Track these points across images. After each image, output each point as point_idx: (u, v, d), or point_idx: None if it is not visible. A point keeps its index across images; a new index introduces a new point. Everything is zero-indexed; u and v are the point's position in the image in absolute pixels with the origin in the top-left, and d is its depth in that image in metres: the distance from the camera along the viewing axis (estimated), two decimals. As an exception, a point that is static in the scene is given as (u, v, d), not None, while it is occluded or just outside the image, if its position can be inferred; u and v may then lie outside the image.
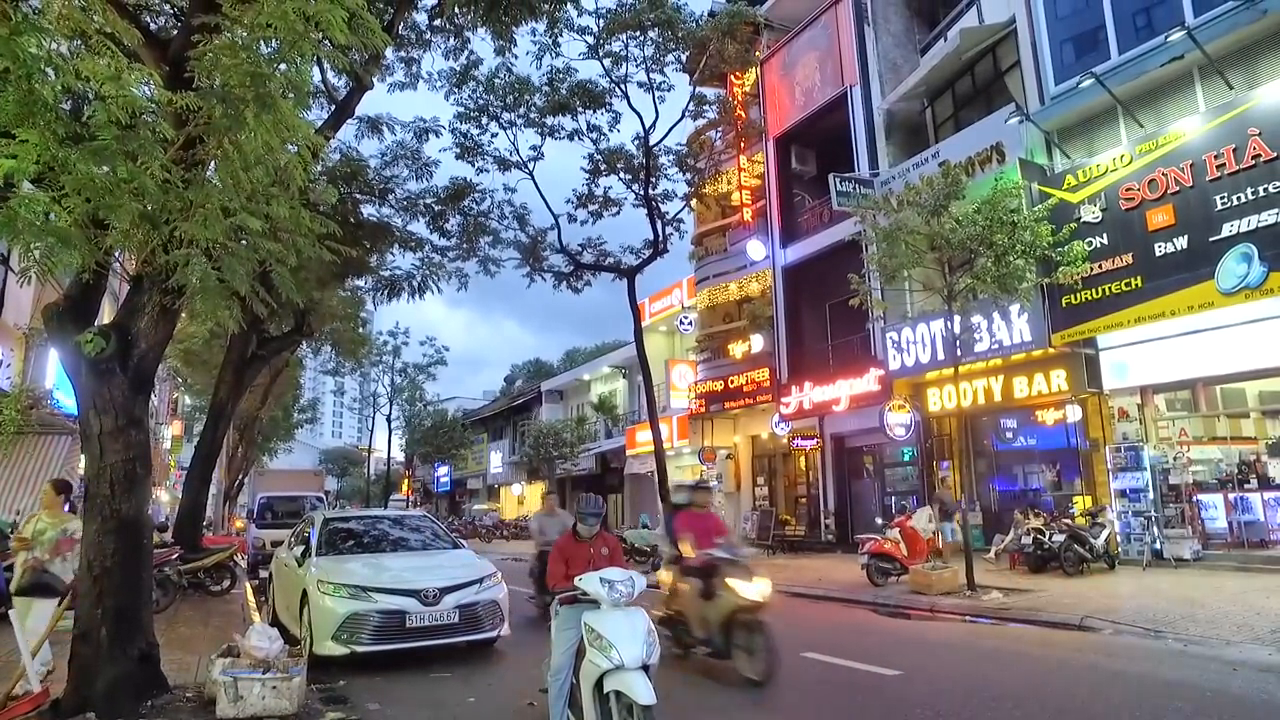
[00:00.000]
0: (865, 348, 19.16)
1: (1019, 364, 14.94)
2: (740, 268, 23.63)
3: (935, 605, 10.48)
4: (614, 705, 4.32)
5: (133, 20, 6.61)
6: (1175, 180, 12.34)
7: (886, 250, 12.36)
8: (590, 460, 33.04)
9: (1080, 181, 13.76)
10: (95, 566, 5.29)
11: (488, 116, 20.09)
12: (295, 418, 42.26)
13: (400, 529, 9.54)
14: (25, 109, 4.74)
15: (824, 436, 20.44)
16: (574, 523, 5.21)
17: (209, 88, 5.87)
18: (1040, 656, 7.47)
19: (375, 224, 17.05)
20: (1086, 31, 14.53)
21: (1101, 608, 9.20)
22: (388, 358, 42.18)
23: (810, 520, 21.36)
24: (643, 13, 18.50)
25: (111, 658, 5.24)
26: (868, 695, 6.27)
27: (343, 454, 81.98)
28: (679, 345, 29.04)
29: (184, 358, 23.85)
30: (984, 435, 17.14)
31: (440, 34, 15.13)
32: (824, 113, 20.91)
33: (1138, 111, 13.34)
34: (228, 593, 12.45)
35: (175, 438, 32.14)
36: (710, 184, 22.90)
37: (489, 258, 21.33)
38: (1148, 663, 6.99)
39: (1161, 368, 13.08)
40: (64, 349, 5.57)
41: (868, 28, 19.87)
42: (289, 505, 19.56)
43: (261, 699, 5.36)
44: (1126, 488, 12.98)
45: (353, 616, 7.13)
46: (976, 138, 15.39)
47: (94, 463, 5.40)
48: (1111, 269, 13.13)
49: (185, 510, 14.03)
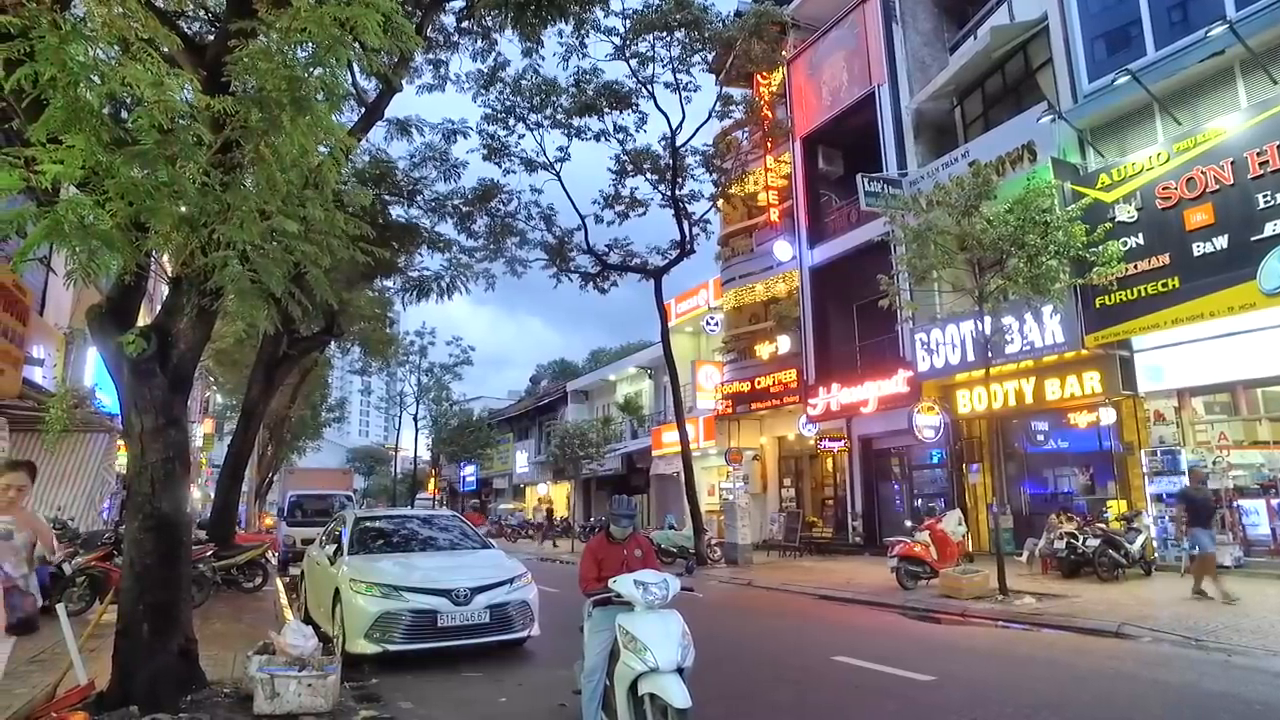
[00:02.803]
0: (894, 349, 18.98)
1: (1051, 366, 14.71)
2: (767, 268, 23.52)
3: (966, 610, 10.35)
4: (649, 708, 4.31)
5: (171, 26, 6.73)
6: (1215, 178, 12.08)
7: (916, 251, 12.25)
8: (616, 461, 33.06)
9: (1115, 180, 13.51)
10: (136, 563, 5.38)
11: (515, 118, 20.22)
12: (323, 417, 42.77)
13: (430, 528, 9.60)
14: (72, 115, 4.84)
15: (852, 438, 20.28)
16: (607, 524, 5.21)
17: (245, 92, 5.97)
18: (1076, 664, 7.33)
19: (404, 225, 17.21)
20: (1121, 28, 14.28)
21: (1139, 614, 9.03)
22: (414, 357, 42.53)
23: (837, 522, 21.22)
24: (669, 13, 18.50)
25: (152, 652, 5.32)
26: (901, 701, 6.20)
27: (370, 453, 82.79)
28: (705, 346, 28.97)
29: (216, 357, 24.20)
30: (1015, 438, 16.90)
31: (468, 36, 15.22)
32: (851, 112, 20.77)
33: (1175, 109, 13.08)
34: (259, 589, 12.63)
35: (207, 436, 32.65)
36: (737, 184, 22.84)
37: (516, 258, 21.49)
38: (1189, 673, 6.84)
39: (1200, 370, 12.81)
40: (106, 349, 5.66)
41: (896, 26, 19.70)
42: (318, 503, 19.80)
43: (298, 696, 5.41)
44: (1163, 492, 12.74)
45: (385, 615, 7.18)
46: (1007, 137, 15.19)
47: (135, 461, 5.49)
48: (1147, 269, 12.89)
49: (218, 508, 14.25)
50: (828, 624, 10.33)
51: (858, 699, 6.33)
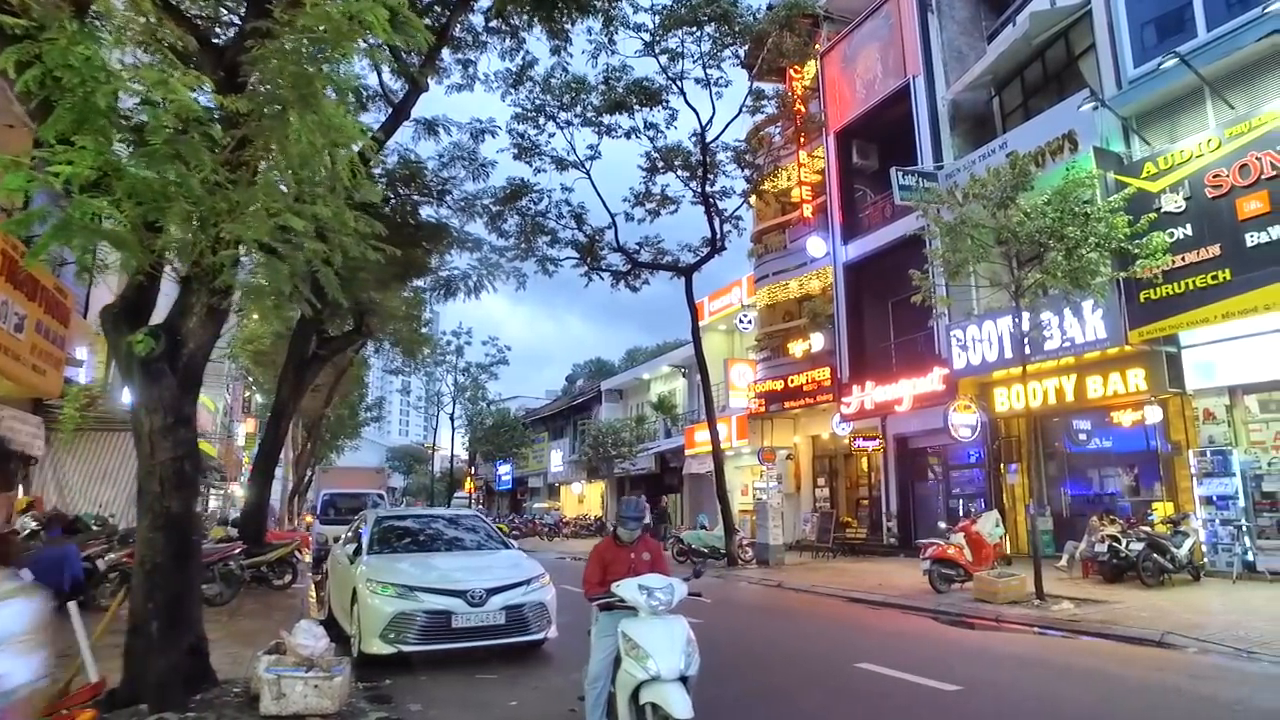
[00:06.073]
0: (929, 346, 18.52)
1: (1093, 363, 14.17)
2: (800, 265, 23.17)
3: (1001, 615, 9.99)
4: (650, 717, 4.16)
5: (189, 28, 6.77)
6: (1271, 164, 11.47)
7: (950, 245, 11.88)
8: (649, 460, 32.94)
9: (1161, 169, 12.95)
10: (146, 562, 5.40)
11: (545, 116, 20.20)
12: (361, 416, 43.39)
13: (451, 528, 9.57)
14: (80, 116, 4.85)
15: (886, 437, 19.84)
16: (614, 526, 5.07)
17: (255, 90, 5.96)
18: (1117, 675, 6.97)
19: (434, 225, 17.27)
20: (1169, 9, 13.67)
21: (1185, 623, 8.59)
22: (451, 357, 42.92)
23: (872, 523, 20.81)
24: (699, 8, 18.28)
25: (162, 651, 5.33)
26: (923, 712, 5.95)
27: (409, 452, 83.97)
28: (738, 344, 28.66)
29: (254, 358, 24.61)
30: (1055, 437, 16.35)
31: (496, 35, 15.21)
32: (886, 105, 20.31)
33: (1227, 92, 12.48)
34: (289, 587, 12.76)
35: (249, 435, 33.33)
36: (769, 180, 22.52)
37: (547, 257, 21.48)
38: (1241, 687, 6.44)
39: (1253, 367, 12.20)
40: (117, 349, 5.70)
41: (931, 16, 19.20)
42: (351, 502, 20.04)
43: (304, 697, 5.38)
44: (1213, 494, 12.17)
45: (400, 616, 7.14)
46: (1047, 126, 14.66)
47: (145, 461, 5.51)
48: (1196, 261, 12.30)
49: (250, 505, 14.45)
50: (856, 628, 10.06)
51: (876, 709, 6.08)
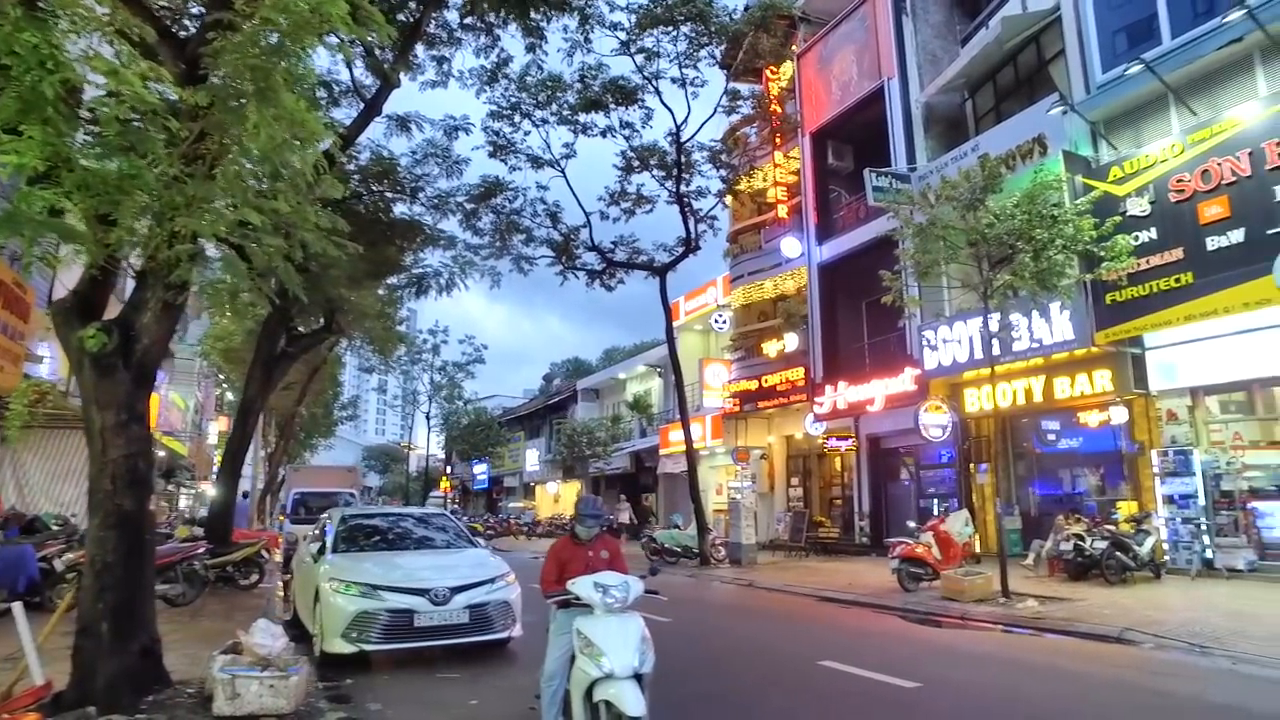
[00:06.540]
0: (901, 346, 18.67)
1: (1061, 364, 14.36)
2: (775, 265, 23.24)
3: (967, 613, 10.09)
4: (604, 715, 4.14)
5: (148, 18, 6.64)
6: (1231, 170, 11.70)
7: (920, 246, 11.98)
8: (624, 459, 32.91)
9: (1127, 173, 13.15)
10: (97, 561, 5.29)
11: (520, 114, 20.08)
12: (336, 415, 42.92)
13: (418, 527, 9.47)
14: (28, 105, 4.73)
15: (859, 437, 19.97)
16: (572, 524, 5.05)
17: (213, 82, 5.85)
18: (1076, 671, 7.07)
19: (407, 222, 17.11)
20: (1136, 15, 13.87)
21: (1144, 620, 8.72)
22: (427, 356, 42.61)
23: (845, 522, 20.94)
24: (675, 7, 18.26)
25: (113, 652, 5.23)
26: (882, 709, 5.99)
27: (385, 451, 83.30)
28: (714, 344, 28.72)
29: (225, 355, 24.29)
30: (1024, 437, 16.55)
31: (471, 32, 15.09)
32: (861, 107, 20.43)
33: (1191, 99, 12.70)
34: (256, 587, 12.59)
35: (221, 433, 32.88)
36: (745, 181, 22.56)
37: (522, 256, 21.37)
38: (1193, 682, 6.56)
39: (1214, 368, 12.42)
40: (68, 344, 5.58)
41: (906, 19, 19.35)
42: (322, 501, 19.76)
43: (259, 697, 5.30)
44: (1175, 493, 12.37)
45: (362, 615, 7.07)
46: (1018, 129, 14.83)
47: (96, 458, 5.39)
48: (1160, 264, 12.51)
49: (216, 504, 14.22)
50: (823, 626, 10.11)
51: (834, 707, 6.10)
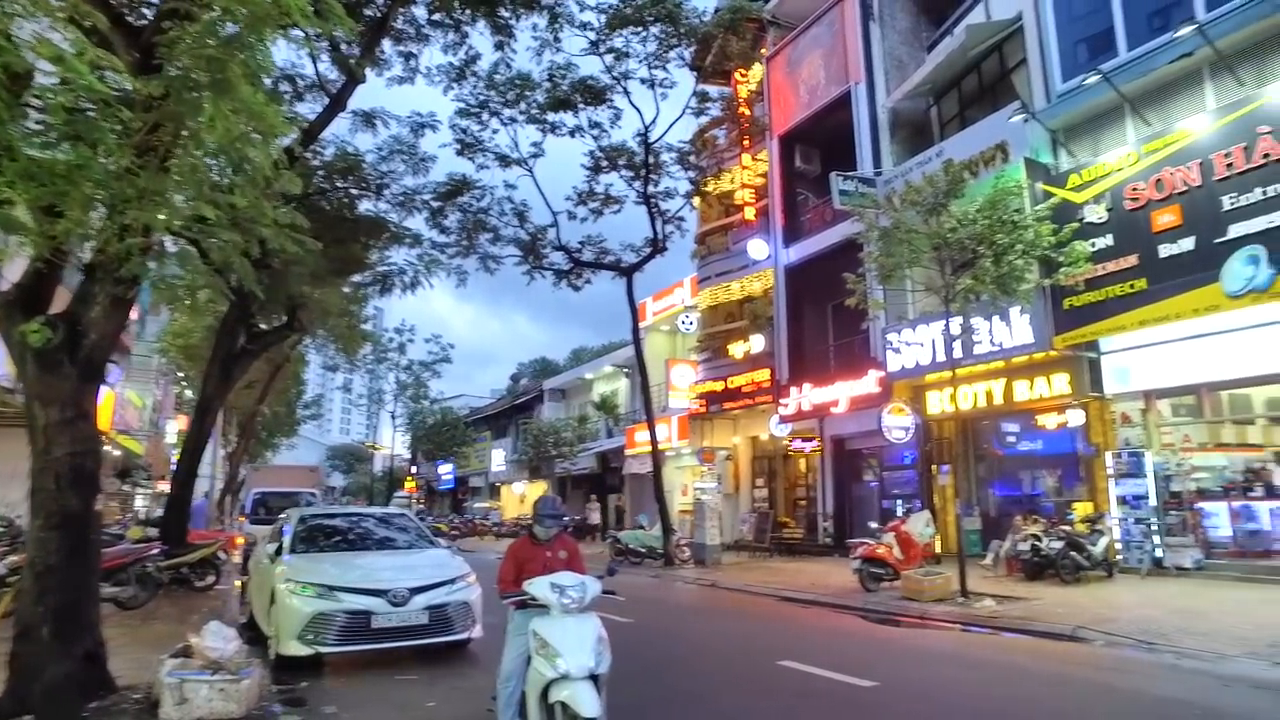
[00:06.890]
0: (865, 349, 18.88)
1: (1020, 367, 14.63)
2: (743, 267, 23.36)
3: (926, 612, 10.23)
4: (559, 716, 4.12)
5: (100, 4, 6.47)
6: (1182, 180, 12.02)
7: (884, 249, 12.13)
8: (590, 459, 32.84)
9: (1085, 181, 13.44)
10: (38, 563, 5.13)
11: (488, 112, 19.93)
12: (299, 414, 42.22)
13: (378, 528, 9.34)
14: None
15: (824, 439, 20.15)
16: (531, 524, 5.02)
17: (168, 73, 5.71)
18: (1028, 668, 7.21)
19: (371, 219, 16.89)
20: (1095, 27, 14.19)
21: (1096, 618, 8.91)
22: (393, 355, 42.13)
23: (809, 523, 21.10)
24: (645, 8, 18.27)
25: (54, 657, 5.07)
26: (838, 708, 6.04)
27: (349, 451, 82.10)
28: (681, 345, 28.77)
29: (184, 353, 23.76)
30: (985, 439, 16.84)
31: (439, 28, 14.94)
32: (829, 111, 20.62)
33: (1145, 110, 13.03)
34: (211, 589, 12.34)
35: (180, 432, 32.12)
36: (713, 182, 22.62)
37: (489, 255, 21.20)
38: (1139, 677, 6.73)
39: (1165, 372, 12.75)
40: (9, 339, 5.41)
41: (873, 25, 19.58)
42: (283, 501, 19.42)
43: (208, 701, 5.18)
44: (1128, 494, 12.68)
45: (318, 616, 6.94)
46: (981, 136, 15.07)
47: (39, 457, 5.23)
48: (1115, 270, 12.81)
49: (171, 505, 13.88)
50: (784, 626, 10.18)
51: (790, 706, 6.14)
